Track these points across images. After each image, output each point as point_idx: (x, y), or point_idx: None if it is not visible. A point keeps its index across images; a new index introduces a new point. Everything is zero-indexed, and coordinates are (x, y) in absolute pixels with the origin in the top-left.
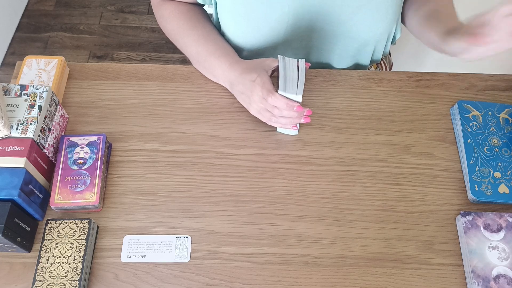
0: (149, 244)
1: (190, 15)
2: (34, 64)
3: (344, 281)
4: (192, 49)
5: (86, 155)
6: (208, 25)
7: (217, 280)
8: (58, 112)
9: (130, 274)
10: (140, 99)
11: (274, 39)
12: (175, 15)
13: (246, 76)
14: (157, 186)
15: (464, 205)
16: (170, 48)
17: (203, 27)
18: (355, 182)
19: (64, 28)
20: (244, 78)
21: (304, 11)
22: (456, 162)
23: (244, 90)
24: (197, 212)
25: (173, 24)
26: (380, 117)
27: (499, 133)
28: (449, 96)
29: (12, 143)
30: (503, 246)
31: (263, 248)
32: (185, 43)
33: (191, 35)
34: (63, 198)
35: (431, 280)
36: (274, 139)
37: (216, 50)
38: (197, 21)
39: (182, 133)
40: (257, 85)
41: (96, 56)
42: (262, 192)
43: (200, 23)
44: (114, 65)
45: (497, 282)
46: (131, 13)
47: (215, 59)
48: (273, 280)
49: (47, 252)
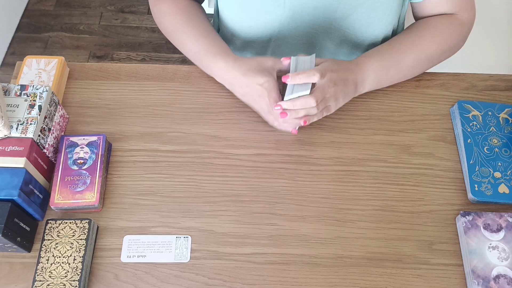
0: (149, 244)
1: (187, 11)
2: (34, 64)
3: (344, 281)
4: (188, 47)
5: (86, 155)
6: (204, 22)
7: (217, 280)
8: (58, 112)
9: (130, 274)
10: (140, 99)
11: (269, 32)
12: (171, 11)
13: (252, 79)
14: (157, 186)
15: (464, 205)
16: (170, 48)
17: (199, 24)
18: (355, 182)
19: (64, 28)
20: (250, 81)
21: (301, 5)
22: (456, 162)
23: (248, 92)
24: (197, 212)
25: (170, 21)
26: (380, 117)
27: (499, 133)
28: (449, 96)
29: (12, 143)
30: (503, 246)
31: (263, 248)
32: (182, 41)
33: (187, 32)
34: (63, 198)
35: (431, 280)
36: (274, 139)
37: (212, 47)
38: (193, 18)
39: (182, 133)
40: (264, 90)
41: (96, 56)
42: (262, 192)
43: (196, 20)
44: (114, 65)
45: (497, 282)
46: (131, 13)
47: (211, 58)
48: (273, 280)
49: (47, 252)
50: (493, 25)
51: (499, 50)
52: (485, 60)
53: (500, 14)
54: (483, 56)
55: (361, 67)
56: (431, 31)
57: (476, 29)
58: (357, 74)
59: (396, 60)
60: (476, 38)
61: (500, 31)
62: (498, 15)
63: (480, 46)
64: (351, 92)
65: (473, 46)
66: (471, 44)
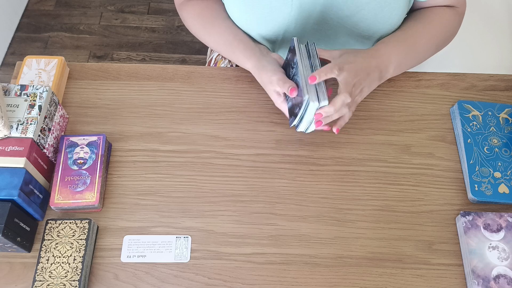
0: (149, 244)
1: (209, 14)
2: (34, 64)
3: (344, 281)
4: (218, 51)
5: (86, 155)
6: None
7: (217, 280)
8: (58, 112)
9: (130, 274)
10: (140, 99)
11: (276, 30)
12: (192, 16)
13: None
14: (157, 186)
15: (464, 205)
16: (170, 48)
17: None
18: (355, 182)
19: (64, 28)
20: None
21: (308, 3)
22: (456, 162)
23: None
24: (197, 212)
25: (194, 27)
26: (380, 117)
27: (499, 133)
28: (449, 96)
29: (12, 143)
30: (503, 246)
31: (263, 248)
32: (210, 44)
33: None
34: (63, 198)
35: (431, 280)
36: (274, 139)
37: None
38: (214, 20)
39: (182, 133)
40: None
41: (96, 56)
42: (262, 192)
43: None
44: (114, 65)
45: (497, 282)
46: (131, 13)
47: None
48: (273, 280)
49: (47, 252)
50: (493, 25)
51: (499, 50)
52: (485, 60)
53: (500, 14)
54: (483, 56)
55: (381, 52)
56: (437, 18)
57: (477, 29)
58: (378, 59)
59: (412, 43)
60: (476, 38)
61: (500, 31)
62: (498, 15)
63: (480, 46)
64: (376, 79)
65: (473, 46)
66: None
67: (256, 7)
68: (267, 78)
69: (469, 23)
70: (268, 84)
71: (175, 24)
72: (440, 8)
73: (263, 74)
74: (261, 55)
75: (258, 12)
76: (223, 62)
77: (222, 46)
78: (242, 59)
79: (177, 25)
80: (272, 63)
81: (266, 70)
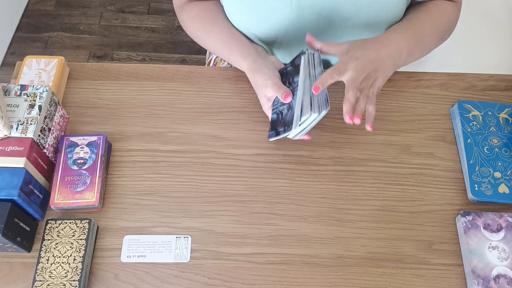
0: (149, 244)
1: (207, 15)
2: (34, 64)
3: (344, 281)
4: (215, 51)
5: (86, 155)
6: (225, 21)
7: (217, 280)
8: (58, 112)
9: (130, 274)
10: (140, 99)
11: (275, 31)
12: (191, 17)
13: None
14: (157, 186)
15: (464, 205)
16: (170, 48)
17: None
18: (355, 182)
19: (64, 28)
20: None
21: (308, 4)
22: (456, 162)
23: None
24: (197, 212)
25: (192, 27)
26: (380, 117)
27: (499, 133)
28: (449, 96)
29: (12, 143)
30: (503, 246)
31: (263, 248)
32: (208, 45)
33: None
34: (63, 198)
35: (431, 280)
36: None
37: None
38: (213, 21)
39: (182, 133)
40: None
41: (96, 56)
42: (262, 192)
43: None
44: (114, 65)
45: (497, 282)
46: (131, 13)
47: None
48: (273, 280)
49: (47, 252)
50: (493, 25)
51: (499, 50)
52: (485, 60)
53: (500, 14)
54: (483, 56)
55: (391, 38)
56: (438, 10)
57: (477, 29)
58: (389, 47)
59: (420, 32)
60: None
61: (500, 31)
62: (498, 15)
63: (480, 46)
64: (390, 67)
65: (473, 46)
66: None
67: (255, 8)
68: (262, 82)
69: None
70: (262, 87)
71: (175, 24)
72: (439, 1)
73: (259, 76)
74: (258, 57)
75: (257, 13)
76: (222, 63)
77: (220, 46)
78: (238, 58)
79: (177, 25)
80: (269, 66)
81: (262, 73)
